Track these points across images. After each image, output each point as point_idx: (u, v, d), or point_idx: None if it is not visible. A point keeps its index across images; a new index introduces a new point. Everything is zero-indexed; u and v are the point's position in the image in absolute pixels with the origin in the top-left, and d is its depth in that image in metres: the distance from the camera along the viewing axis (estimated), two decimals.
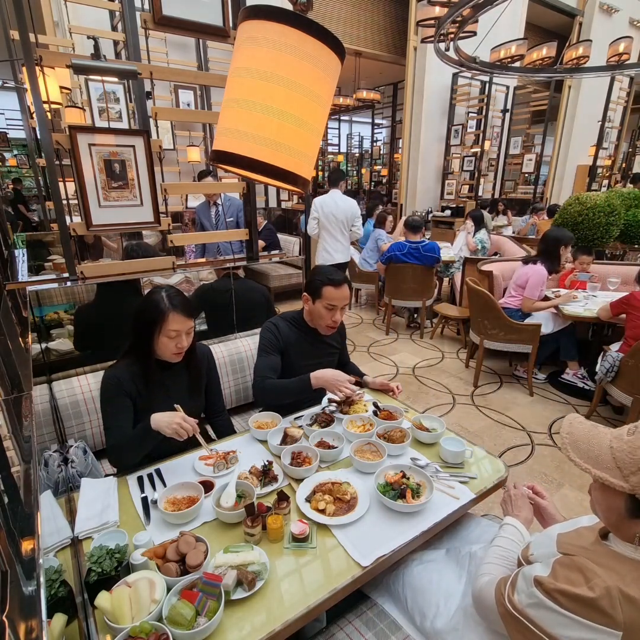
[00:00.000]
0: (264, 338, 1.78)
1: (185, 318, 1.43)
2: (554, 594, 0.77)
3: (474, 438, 2.76)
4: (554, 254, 3.31)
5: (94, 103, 3.97)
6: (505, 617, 0.86)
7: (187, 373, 1.59)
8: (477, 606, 1.00)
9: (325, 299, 1.69)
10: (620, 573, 0.76)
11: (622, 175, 9.17)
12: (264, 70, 0.76)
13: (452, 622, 1.05)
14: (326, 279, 1.69)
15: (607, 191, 4.52)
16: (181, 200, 5.48)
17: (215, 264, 2.41)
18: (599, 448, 0.80)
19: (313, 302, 1.74)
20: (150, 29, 1.86)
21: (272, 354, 1.75)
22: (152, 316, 1.40)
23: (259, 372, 1.71)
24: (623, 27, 9.15)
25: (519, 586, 0.84)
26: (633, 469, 0.74)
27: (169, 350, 1.44)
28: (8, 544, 0.58)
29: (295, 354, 1.80)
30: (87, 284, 1.84)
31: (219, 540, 1.12)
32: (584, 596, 0.74)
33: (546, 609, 0.78)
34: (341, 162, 14.14)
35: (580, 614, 0.74)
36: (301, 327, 1.83)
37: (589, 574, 0.76)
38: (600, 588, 0.74)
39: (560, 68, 4.51)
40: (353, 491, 1.26)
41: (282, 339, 1.78)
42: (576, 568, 0.78)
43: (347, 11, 6.94)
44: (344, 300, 1.72)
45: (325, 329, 1.78)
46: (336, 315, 1.73)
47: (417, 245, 4.28)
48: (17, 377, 1.16)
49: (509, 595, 0.86)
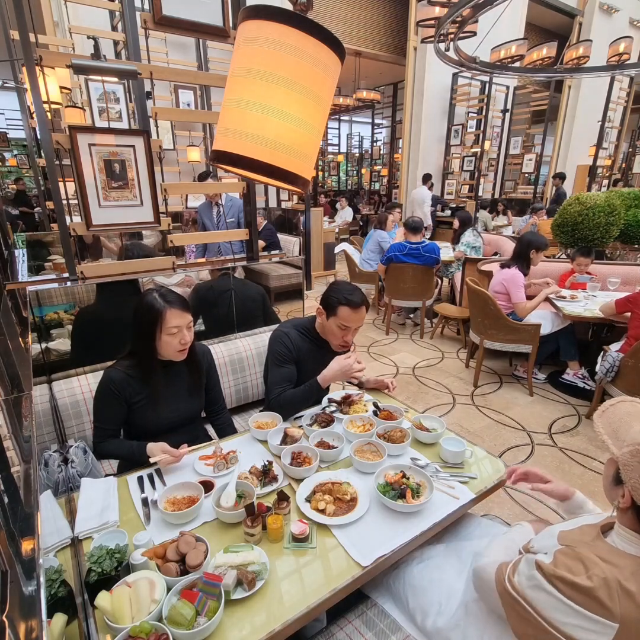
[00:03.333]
0: (276, 350, 1.71)
1: (182, 312, 1.43)
2: (553, 580, 0.79)
3: (474, 438, 2.76)
4: (525, 257, 3.33)
5: (94, 103, 3.97)
6: (503, 595, 0.89)
7: (188, 373, 1.59)
8: (476, 583, 1.03)
9: (340, 318, 1.62)
10: (619, 567, 0.77)
11: (621, 175, 9.17)
12: (264, 70, 0.76)
13: (454, 619, 1.06)
14: (344, 299, 1.61)
15: (607, 191, 4.52)
16: (181, 200, 5.48)
17: (216, 264, 2.41)
18: (626, 425, 0.89)
19: (327, 318, 1.67)
20: (150, 29, 1.86)
21: (286, 366, 1.70)
22: (149, 318, 1.40)
23: (275, 385, 1.67)
24: (623, 27, 9.16)
25: (520, 568, 0.87)
26: (630, 442, 0.83)
27: (173, 348, 1.44)
28: (8, 544, 0.58)
29: (308, 364, 1.75)
30: (87, 284, 1.84)
31: (219, 540, 1.12)
32: (582, 585, 0.76)
33: (545, 592, 0.80)
34: (341, 162, 14.14)
35: (577, 602, 0.76)
36: (312, 338, 1.78)
37: (588, 563, 0.78)
38: (598, 578, 0.75)
39: (560, 68, 4.51)
40: (353, 491, 1.26)
41: (295, 348, 1.72)
42: (577, 558, 0.80)
43: (347, 11, 6.94)
44: (359, 322, 1.65)
45: (336, 346, 1.73)
46: (348, 336, 1.67)
47: (417, 246, 4.28)
48: (17, 377, 1.16)
49: (509, 575, 0.88)
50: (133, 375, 1.47)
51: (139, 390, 1.48)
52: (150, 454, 1.37)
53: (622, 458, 0.82)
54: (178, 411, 1.57)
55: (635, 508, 0.81)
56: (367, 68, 8.43)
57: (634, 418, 0.89)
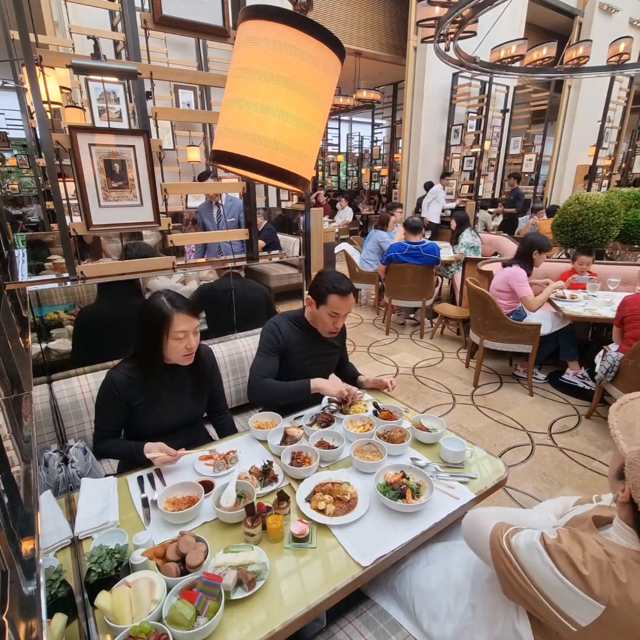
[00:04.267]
0: (264, 338, 1.78)
1: (190, 317, 1.44)
2: (553, 552, 0.82)
3: (474, 438, 2.76)
4: (527, 257, 3.34)
5: (94, 103, 3.97)
6: (495, 546, 0.92)
7: (191, 375, 1.59)
8: (466, 525, 1.06)
9: (330, 306, 1.68)
10: (611, 555, 0.80)
11: (621, 175, 9.17)
12: (264, 70, 0.76)
13: (463, 622, 1.05)
14: (332, 287, 1.67)
15: (607, 191, 4.52)
16: (181, 200, 5.48)
17: (216, 264, 2.40)
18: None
19: (317, 307, 1.73)
20: (150, 29, 1.86)
21: (271, 355, 1.75)
22: (156, 321, 1.40)
23: (256, 370, 1.72)
24: (623, 27, 9.16)
25: (523, 534, 0.90)
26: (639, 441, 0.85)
27: (178, 353, 1.45)
28: (8, 544, 0.58)
29: (297, 352, 1.80)
30: (87, 284, 1.84)
31: (219, 540, 1.12)
32: (578, 569, 0.79)
33: (542, 562, 0.83)
34: (341, 162, 14.14)
35: (570, 579, 0.80)
36: (303, 326, 1.83)
37: (586, 544, 0.82)
38: (594, 562, 0.79)
39: (560, 68, 4.51)
40: (353, 491, 1.26)
41: (283, 338, 1.78)
42: (575, 538, 0.84)
43: (347, 11, 6.94)
44: (348, 308, 1.71)
45: (326, 333, 1.79)
46: (338, 322, 1.73)
47: (417, 246, 4.28)
48: (17, 377, 1.16)
49: (507, 535, 0.91)
50: (134, 378, 1.47)
51: (141, 393, 1.48)
52: (147, 451, 1.37)
53: (629, 456, 0.83)
54: (180, 413, 1.58)
55: (633, 504, 0.83)
56: (367, 68, 8.43)
57: None
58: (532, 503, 2.22)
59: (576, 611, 0.79)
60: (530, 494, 2.29)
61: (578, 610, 0.79)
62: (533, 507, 1.19)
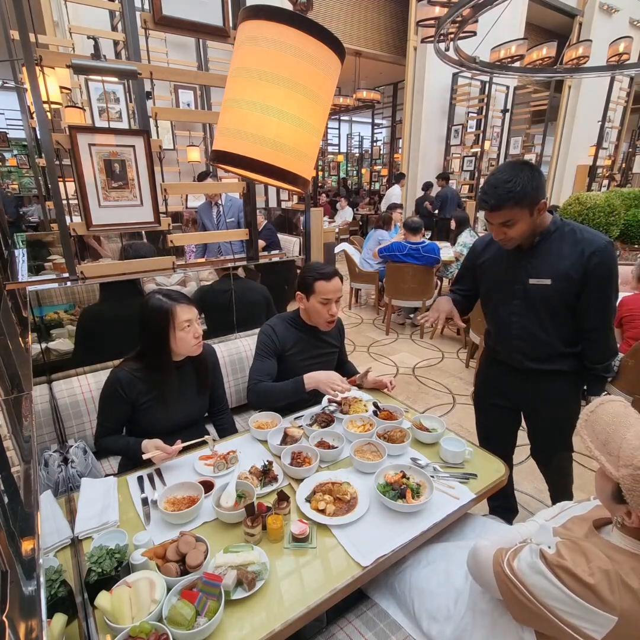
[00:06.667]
0: (261, 341, 1.79)
1: (190, 306, 1.48)
2: (556, 570, 0.80)
3: (474, 438, 2.76)
4: None
5: (94, 103, 3.97)
6: (499, 575, 0.90)
7: (196, 373, 1.61)
8: (470, 562, 1.03)
9: (319, 293, 1.70)
10: (618, 562, 0.78)
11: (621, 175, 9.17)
12: (264, 70, 0.76)
13: (462, 624, 1.05)
14: (317, 274, 1.70)
15: (607, 191, 4.52)
16: (181, 200, 5.48)
17: (215, 264, 2.41)
18: (614, 435, 0.82)
19: (307, 299, 1.74)
20: (150, 29, 1.86)
21: (268, 358, 1.75)
22: (160, 318, 1.43)
23: (254, 375, 1.72)
24: (623, 27, 9.15)
25: (522, 555, 0.87)
26: (627, 462, 0.78)
27: (188, 343, 1.47)
28: (8, 544, 0.58)
29: (295, 353, 1.80)
30: (87, 284, 1.84)
31: (219, 540, 1.12)
32: (585, 580, 0.76)
33: (547, 581, 0.81)
34: (341, 162, 14.13)
35: (578, 594, 0.77)
36: (299, 326, 1.83)
37: (590, 555, 0.79)
38: (600, 571, 0.76)
39: (560, 68, 4.51)
40: (353, 491, 1.26)
41: (279, 340, 1.78)
42: (578, 550, 0.81)
43: (347, 11, 6.94)
44: (337, 292, 1.73)
45: (324, 324, 1.78)
46: (332, 308, 1.74)
47: (417, 246, 4.28)
48: (17, 377, 1.16)
49: (509, 559, 0.89)
50: (140, 377, 1.48)
51: (147, 392, 1.49)
52: (144, 450, 1.37)
53: (623, 481, 0.78)
54: (186, 411, 1.59)
55: None
56: (367, 68, 8.43)
57: (622, 425, 0.83)
58: (532, 503, 2.22)
59: (590, 626, 0.77)
60: (530, 494, 2.29)
61: (591, 625, 0.76)
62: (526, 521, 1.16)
